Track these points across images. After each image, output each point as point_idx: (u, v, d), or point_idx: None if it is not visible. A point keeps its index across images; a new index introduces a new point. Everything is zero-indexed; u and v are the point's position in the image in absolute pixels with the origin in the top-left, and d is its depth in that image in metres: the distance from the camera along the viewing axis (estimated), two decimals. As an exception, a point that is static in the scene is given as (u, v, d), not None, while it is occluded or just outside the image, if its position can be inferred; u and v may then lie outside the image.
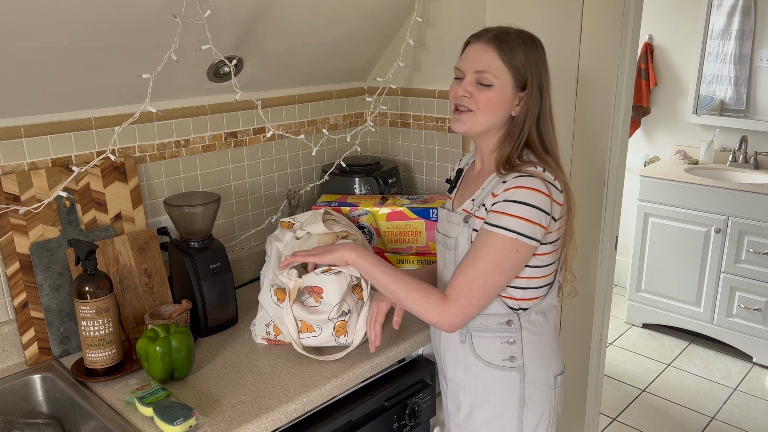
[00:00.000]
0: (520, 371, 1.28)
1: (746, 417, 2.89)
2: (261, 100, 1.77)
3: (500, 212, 1.16)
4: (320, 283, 1.37)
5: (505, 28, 1.22)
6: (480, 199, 1.24)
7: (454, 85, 1.24)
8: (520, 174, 1.17)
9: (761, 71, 3.50)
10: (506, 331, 1.26)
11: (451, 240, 1.29)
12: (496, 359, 1.28)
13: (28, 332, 1.41)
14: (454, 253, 1.29)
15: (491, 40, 1.18)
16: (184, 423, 1.14)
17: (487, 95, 1.19)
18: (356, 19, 1.77)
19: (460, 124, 1.23)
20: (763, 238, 3.17)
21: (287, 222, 1.57)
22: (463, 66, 1.22)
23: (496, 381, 1.29)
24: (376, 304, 1.35)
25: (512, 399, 1.28)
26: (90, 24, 1.26)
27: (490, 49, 1.18)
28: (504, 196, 1.17)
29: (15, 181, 1.38)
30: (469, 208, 1.27)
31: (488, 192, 1.23)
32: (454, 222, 1.29)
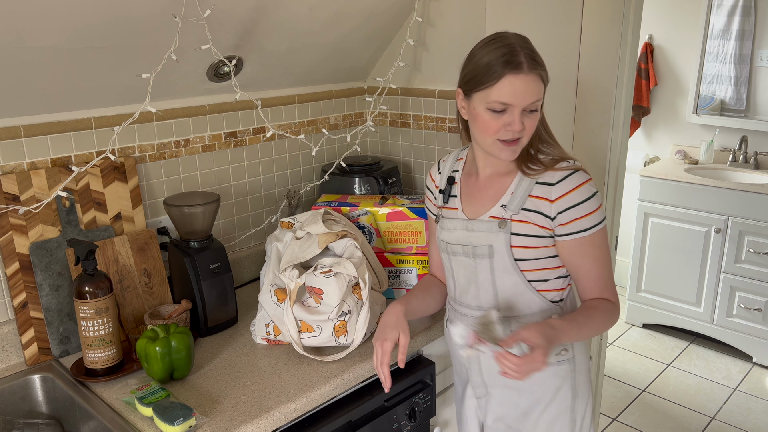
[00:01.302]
0: (571, 362, 1.31)
1: (746, 417, 2.88)
2: (261, 100, 1.77)
3: (585, 215, 1.20)
4: (320, 284, 1.37)
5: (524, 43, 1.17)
6: (516, 204, 1.23)
7: (496, 118, 1.17)
8: (569, 172, 1.21)
9: (761, 71, 3.50)
10: None
11: (482, 248, 1.27)
12: (550, 356, 1.26)
13: (27, 332, 1.41)
14: (489, 261, 1.26)
15: (534, 70, 1.15)
16: (183, 423, 1.14)
17: (534, 119, 1.19)
18: (356, 19, 1.77)
19: (512, 154, 1.21)
20: (763, 238, 3.16)
21: (287, 222, 1.57)
22: (513, 101, 1.15)
23: (550, 377, 1.30)
24: (381, 345, 1.29)
25: (566, 391, 1.31)
26: (90, 24, 1.26)
27: (537, 79, 1.15)
28: (572, 201, 1.20)
29: (15, 181, 1.38)
30: (501, 214, 1.25)
31: (523, 196, 1.23)
32: (482, 230, 1.27)
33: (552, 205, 1.21)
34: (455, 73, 1.86)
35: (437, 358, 1.57)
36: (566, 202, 1.20)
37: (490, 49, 1.16)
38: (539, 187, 1.22)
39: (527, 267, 1.26)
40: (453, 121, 1.90)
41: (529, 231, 1.23)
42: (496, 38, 1.18)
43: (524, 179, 1.24)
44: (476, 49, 1.21)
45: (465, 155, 1.40)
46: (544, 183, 1.22)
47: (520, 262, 1.25)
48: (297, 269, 1.41)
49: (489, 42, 1.19)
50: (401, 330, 1.30)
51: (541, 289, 1.28)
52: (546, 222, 1.22)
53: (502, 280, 1.28)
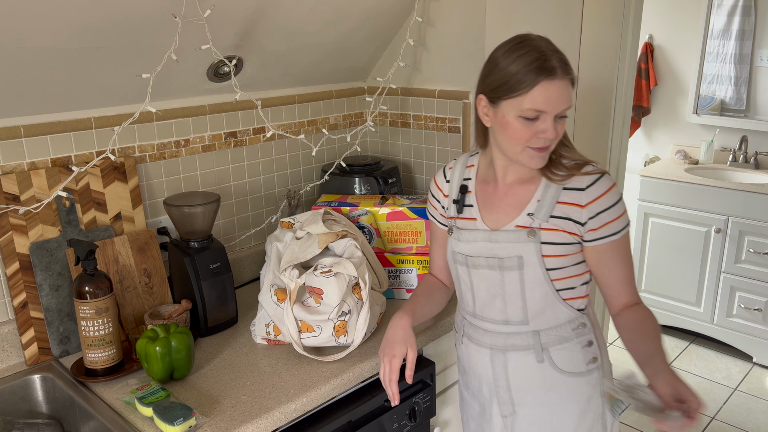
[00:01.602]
0: (599, 369, 1.29)
1: (746, 417, 2.88)
2: (261, 100, 1.77)
3: (613, 219, 1.19)
4: (320, 284, 1.37)
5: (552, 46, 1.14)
6: (544, 212, 1.20)
7: (528, 126, 1.13)
8: (594, 179, 1.19)
9: (761, 71, 3.49)
10: (583, 335, 1.27)
11: (510, 260, 1.22)
12: (580, 366, 1.27)
13: (27, 332, 1.41)
14: (519, 273, 1.22)
15: (568, 75, 1.13)
16: (183, 423, 1.14)
17: (564, 125, 1.17)
18: (356, 19, 1.77)
19: (542, 161, 1.18)
20: (763, 238, 3.16)
21: (287, 222, 1.57)
22: (547, 107, 1.11)
23: (581, 388, 1.28)
24: (389, 361, 1.27)
25: (596, 398, 1.29)
26: (90, 24, 1.26)
27: (569, 84, 1.13)
28: (603, 205, 1.18)
29: (15, 181, 1.38)
30: (528, 223, 1.21)
31: (551, 203, 1.20)
32: (509, 240, 1.22)
33: (583, 210, 1.18)
34: (455, 73, 1.88)
35: (437, 358, 1.57)
36: (598, 207, 1.18)
37: (519, 54, 1.12)
38: (568, 192, 1.19)
39: (557, 276, 1.22)
40: (453, 121, 1.90)
41: (559, 239, 1.20)
42: (522, 42, 1.14)
43: (550, 186, 1.21)
44: (500, 54, 1.15)
45: (475, 162, 1.34)
46: (572, 188, 1.19)
47: (550, 272, 1.21)
48: (297, 269, 1.41)
49: (516, 47, 1.13)
50: (409, 345, 1.28)
51: (568, 297, 1.25)
52: (576, 228, 1.19)
53: (533, 292, 1.23)
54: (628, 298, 1.24)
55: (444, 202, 1.37)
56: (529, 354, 1.27)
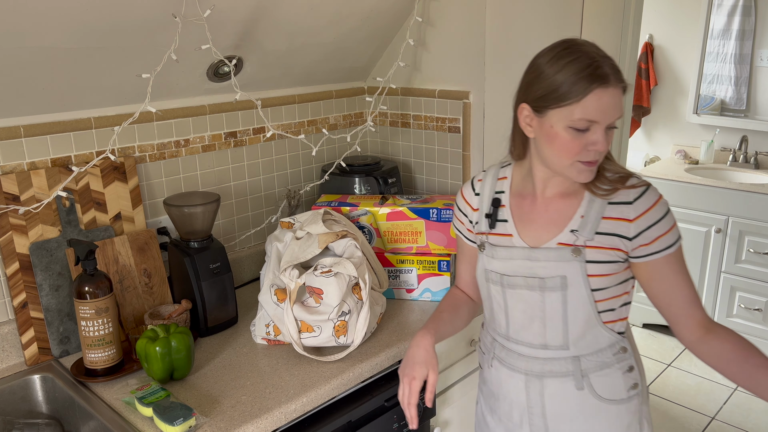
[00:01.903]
0: (640, 394, 1.23)
1: (746, 417, 2.88)
2: (261, 100, 1.77)
3: (664, 233, 1.12)
4: (320, 285, 1.37)
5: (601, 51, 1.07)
6: (589, 228, 1.13)
7: (578, 137, 1.06)
8: (641, 192, 1.12)
9: (761, 71, 3.49)
10: (624, 360, 1.21)
11: (552, 280, 1.15)
12: (621, 393, 1.21)
13: (27, 332, 1.41)
14: (562, 294, 1.15)
15: (620, 83, 1.06)
16: (183, 423, 1.14)
17: (612, 135, 1.10)
18: (356, 19, 1.77)
19: (591, 175, 1.11)
20: (763, 238, 3.16)
21: (287, 222, 1.57)
22: (600, 117, 1.05)
23: (622, 415, 1.22)
24: (409, 383, 1.21)
25: (635, 426, 1.24)
26: (90, 24, 1.26)
27: (621, 93, 1.07)
28: (652, 218, 1.11)
29: (15, 181, 1.38)
30: (572, 240, 1.14)
31: (596, 219, 1.13)
32: (551, 259, 1.15)
33: (631, 225, 1.11)
34: (455, 73, 1.88)
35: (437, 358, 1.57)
36: (647, 220, 1.11)
37: (569, 61, 1.04)
38: (614, 207, 1.12)
39: (600, 297, 1.15)
40: (453, 121, 1.90)
41: (604, 257, 1.13)
42: (569, 48, 1.07)
43: (594, 201, 1.14)
44: (546, 61, 1.08)
45: (508, 173, 1.26)
46: (619, 203, 1.12)
47: (595, 293, 1.14)
48: (297, 269, 1.41)
49: (563, 53, 1.06)
50: (430, 367, 1.21)
51: (608, 320, 1.18)
52: (623, 244, 1.13)
53: (575, 314, 1.16)
54: (699, 316, 1.15)
55: (473, 216, 1.30)
56: (568, 381, 1.20)
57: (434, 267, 1.67)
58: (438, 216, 1.63)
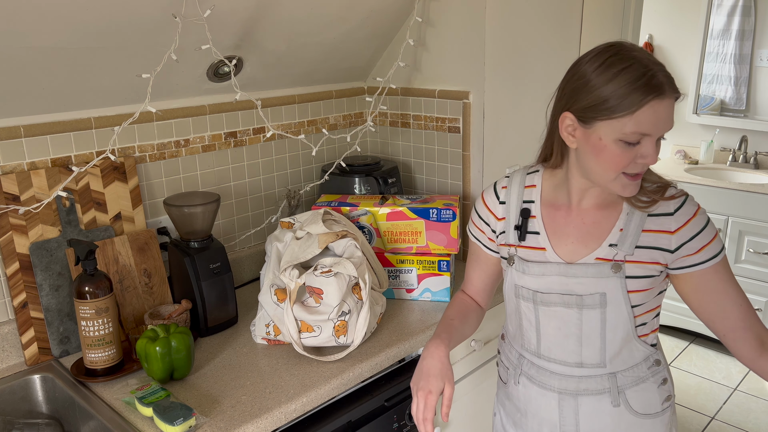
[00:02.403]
0: (672, 406, 1.21)
1: (746, 417, 2.88)
2: (261, 100, 1.77)
3: (711, 240, 1.08)
4: (320, 285, 1.37)
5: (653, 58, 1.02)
6: (629, 242, 1.09)
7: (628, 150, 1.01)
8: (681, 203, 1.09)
9: (761, 71, 3.50)
10: (658, 373, 1.18)
11: (591, 297, 1.10)
12: (656, 407, 1.18)
13: (27, 332, 1.41)
14: (602, 312, 1.11)
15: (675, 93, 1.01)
16: (183, 423, 1.14)
17: (660, 147, 1.05)
18: (356, 19, 1.77)
19: (636, 188, 1.07)
20: (763, 238, 3.16)
21: (287, 222, 1.57)
22: (654, 130, 1.00)
23: (657, 428, 1.19)
24: (424, 396, 1.12)
25: None
26: (90, 24, 1.26)
27: (673, 105, 1.02)
28: (694, 229, 1.07)
29: (15, 181, 1.38)
30: (611, 255, 1.10)
31: (636, 232, 1.09)
32: (590, 275, 1.10)
33: (672, 237, 1.08)
34: (455, 73, 1.87)
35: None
36: (689, 231, 1.07)
37: (620, 69, 0.98)
38: (654, 219, 1.09)
39: (639, 312, 1.12)
40: (453, 121, 1.90)
41: (644, 272, 1.09)
42: (618, 54, 1.00)
43: (634, 213, 1.10)
44: (593, 69, 1.01)
45: (537, 181, 1.20)
46: (659, 214, 1.08)
47: (634, 308, 1.11)
48: (297, 269, 1.41)
49: (613, 60, 0.99)
50: (446, 379, 1.13)
51: (642, 334, 1.15)
52: (663, 257, 1.09)
53: (614, 332, 1.12)
54: (758, 328, 1.09)
55: (497, 226, 1.23)
56: (604, 398, 1.17)
57: (434, 267, 1.67)
58: (438, 216, 1.63)
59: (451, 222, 1.63)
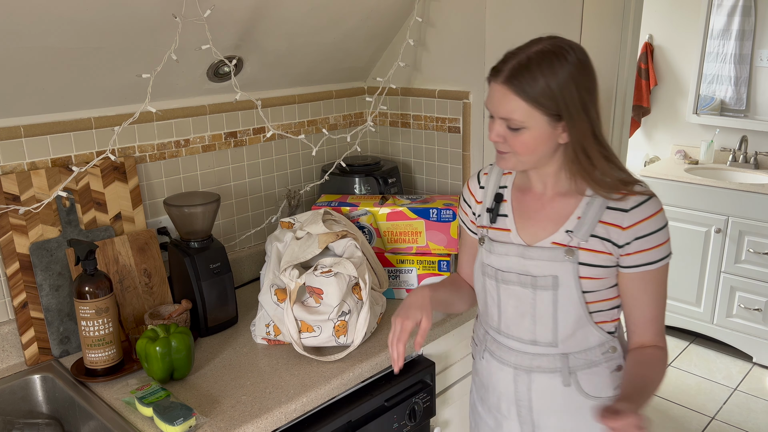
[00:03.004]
0: None
1: (746, 417, 2.88)
2: (261, 100, 1.77)
3: (653, 247, 1.12)
4: (320, 285, 1.37)
5: (521, 55, 1.06)
6: (585, 231, 1.13)
7: (489, 123, 1.13)
8: (641, 201, 1.11)
9: (761, 71, 3.49)
10: (612, 359, 1.21)
11: (544, 279, 1.16)
12: (607, 391, 1.21)
13: (27, 332, 1.41)
14: (553, 293, 1.16)
15: (508, 82, 1.05)
16: (184, 423, 1.14)
17: (521, 139, 1.09)
18: (356, 19, 1.77)
19: (504, 162, 1.15)
20: (763, 238, 3.16)
21: (287, 222, 1.57)
22: (490, 107, 1.10)
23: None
24: (401, 322, 1.17)
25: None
26: (90, 24, 1.26)
27: (509, 92, 1.05)
28: (646, 229, 1.11)
29: (15, 181, 1.38)
30: (566, 241, 1.14)
31: (593, 222, 1.13)
32: (544, 258, 1.15)
33: (623, 232, 1.11)
34: (455, 73, 1.87)
35: (437, 358, 1.57)
36: (638, 231, 1.11)
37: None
38: (611, 212, 1.12)
39: (592, 299, 1.15)
40: (453, 121, 1.90)
41: (597, 260, 1.13)
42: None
43: (593, 203, 1.13)
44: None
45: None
46: (616, 208, 1.12)
47: (586, 294, 1.15)
48: (297, 269, 1.41)
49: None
50: (425, 313, 1.18)
51: (600, 320, 1.18)
52: (614, 250, 1.12)
53: (565, 314, 1.16)
54: (648, 338, 1.16)
55: (476, 209, 1.30)
56: (555, 377, 1.21)
57: (434, 267, 1.67)
58: (438, 216, 1.63)
59: (451, 222, 1.63)
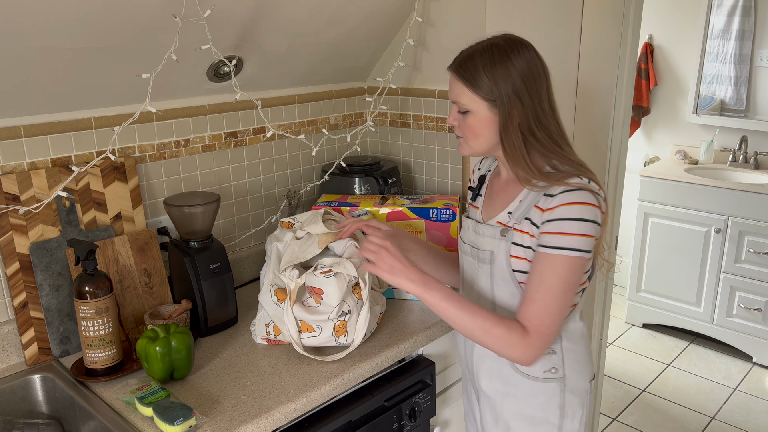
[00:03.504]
0: (560, 381, 1.26)
1: (746, 417, 2.88)
2: (261, 100, 1.77)
3: (559, 233, 1.13)
4: (320, 285, 1.37)
5: (471, 49, 1.21)
6: (520, 213, 1.20)
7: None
8: (569, 188, 1.13)
9: (761, 71, 3.50)
10: None
11: (484, 253, 1.26)
12: (536, 372, 1.25)
13: (27, 332, 1.41)
14: (490, 267, 1.25)
15: (455, 70, 1.21)
16: (184, 423, 1.14)
17: (467, 122, 1.21)
18: (356, 19, 1.77)
19: (460, 148, 1.27)
20: (763, 238, 3.16)
21: (287, 222, 1.57)
22: (450, 95, 1.25)
23: (536, 392, 1.26)
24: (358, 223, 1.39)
25: (552, 408, 1.27)
26: (90, 24, 1.26)
27: (456, 79, 1.20)
28: (558, 214, 1.13)
29: (15, 181, 1.38)
30: (506, 221, 1.23)
31: (529, 205, 1.19)
32: (487, 234, 1.25)
33: (542, 214, 1.16)
34: (455, 73, 1.87)
35: (437, 358, 1.57)
36: (551, 214, 1.14)
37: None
38: (544, 198, 1.17)
39: (522, 279, 1.21)
40: (453, 121, 1.90)
41: (525, 242, 1.19)
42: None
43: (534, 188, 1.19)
44: None
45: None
46: (548, 194, 1.16)
47: (517, 274, 1.21)
48: (297, 269, 1.41)
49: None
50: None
51: None
52: (536, 232, 1.17)
53: (500, 289, 1.25)
54: (521, 313, 1.17)
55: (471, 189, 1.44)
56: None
57: (434, 267, 1.66)
58: (438, 216, 1.63)
59: (451, 222, 1.63)
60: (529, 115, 1.17)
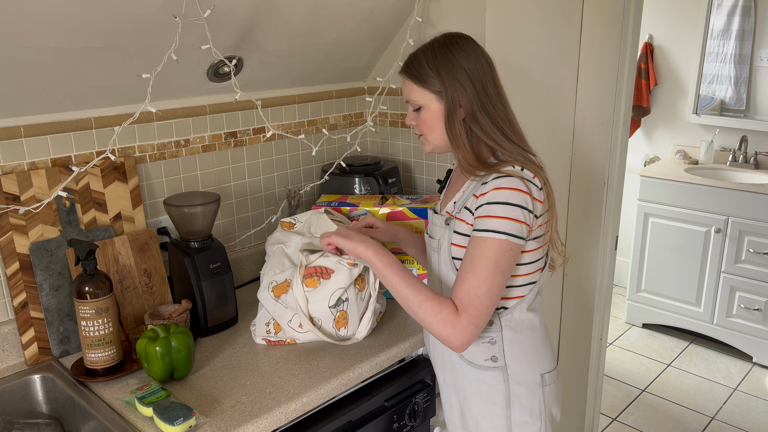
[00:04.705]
0: (503, 371, 1.27)
1: (746, 417, 2.89)
2: (261, 100, 1.77)
3: (486, 216, 1.16)
4: (333, 266, 1.38)
5: (416, 50, 1.27)
6: (461, 202, 1.25)
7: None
8: (499, 174, 1.17)
9: (761, 71, 3.50)
10: (486, 331, 1.26)
11: (434, 242, 1.31)
12: (478, 359, 1.28)
13: (27, 332, 1.41)
14: (438, 255, 1.30)
15: (403, 71, 1.27)
16: (184, 423, 1.14)
17: (421, 118, 1.27)
18: (356, 19, 1.77)
19: (423, 146, 1.32)
20: (763, 238, 3.17)
21: (287, 222, 1.57)
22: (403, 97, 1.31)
23: (480, 380, 1.29)
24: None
25: (497, 398, 1.28)
26: (90, 24, 1.26)
27: (406, 79, 1.26)
28: (486, 199, 1.16)
29: (15, 181, 1.38)
30: (451, 210, 1.28)
31: (469, 194, 1.23)
32: (437, 224, 1.31)
33: (476, 200, 1.19)
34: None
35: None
36: (483, 199, 1.17)
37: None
38: (480, 186, 1.20)
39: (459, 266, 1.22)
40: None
41: (464, 230, 1.22)
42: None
43: (475, 180, 1.23)
44: None
45: None
46: (484, 183, 1.20)
47: (456, 261, 1.24)
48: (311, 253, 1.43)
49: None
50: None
51: None
52: (472, 219, 1.21)
53: (446, 277, 1.28)
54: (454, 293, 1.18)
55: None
56: None
57: (434, 267, 1.67)
58: (438, 216, 1.63)
59: (451, 222, 1.63)
60: (473, 102, 1.21)
